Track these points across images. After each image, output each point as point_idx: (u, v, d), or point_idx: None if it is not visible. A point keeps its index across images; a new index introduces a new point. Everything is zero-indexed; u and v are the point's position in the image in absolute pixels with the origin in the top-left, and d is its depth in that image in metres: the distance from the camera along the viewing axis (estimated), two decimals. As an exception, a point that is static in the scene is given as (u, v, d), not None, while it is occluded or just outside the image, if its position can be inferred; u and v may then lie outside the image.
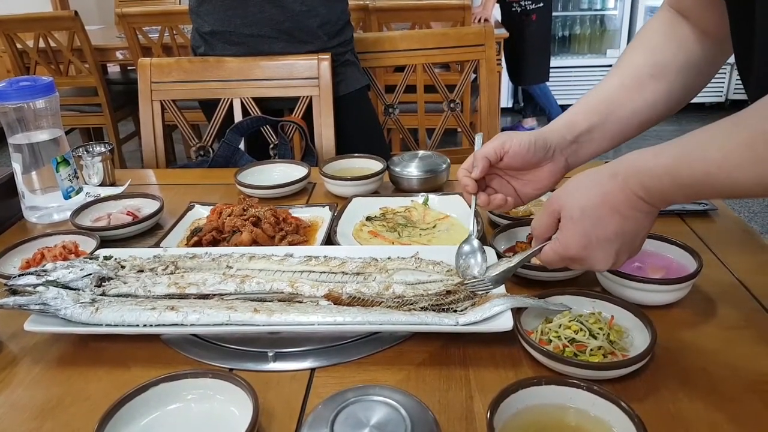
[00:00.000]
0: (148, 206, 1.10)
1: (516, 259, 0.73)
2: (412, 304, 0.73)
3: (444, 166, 1.15)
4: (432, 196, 1.07)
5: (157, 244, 0.95)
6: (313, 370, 0.69)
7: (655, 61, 0.79)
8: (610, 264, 0.65)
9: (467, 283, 0.75)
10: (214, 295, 0.77)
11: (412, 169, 1.13)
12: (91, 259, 0.82)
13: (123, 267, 0.82)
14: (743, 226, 0.97)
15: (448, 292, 0.74)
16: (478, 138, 0.86)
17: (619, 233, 0.63)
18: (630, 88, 0.80)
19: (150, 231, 1.04)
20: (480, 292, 0.74)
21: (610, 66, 4.52)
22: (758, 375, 0.65)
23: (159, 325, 0.71)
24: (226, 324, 0.71)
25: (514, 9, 3.73)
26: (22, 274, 0.76)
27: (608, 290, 0.78)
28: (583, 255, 0.65)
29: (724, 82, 4.40)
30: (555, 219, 0.67)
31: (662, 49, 0.80)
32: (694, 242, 0.90)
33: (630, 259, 0.67)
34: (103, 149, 1.25)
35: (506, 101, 4.66)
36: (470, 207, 0.80)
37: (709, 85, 0.83)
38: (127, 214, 1.07)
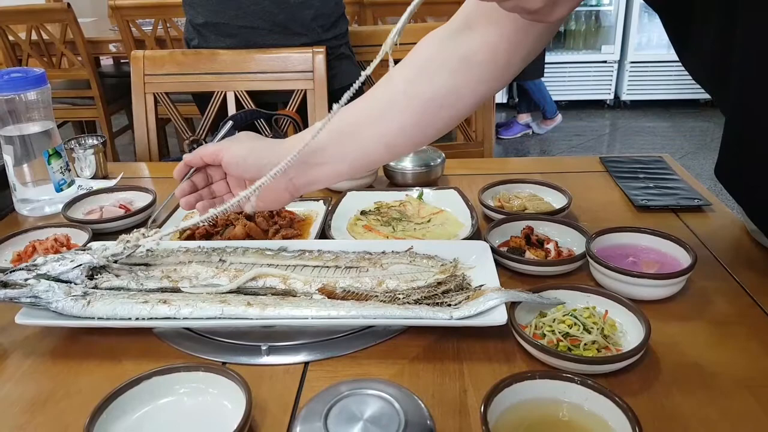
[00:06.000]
0: (140, 199, 1.09)
1: None
2: (405, 297, 0.73)
3: (438, 160, 1.14)
4: (426, 191, 1.07)
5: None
6: (306, 363, 0.68)
7: (412, 85, 0.74)
8: None
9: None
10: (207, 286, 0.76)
11: (406, 164, 1.13)
12: (83, 250, 0.81)
13: (116, 261, 0.82)
14: (737, 222, 0.97)
15: (439, 283, 0.74)
16: (222, 125, 0.81)
17: None
18: (381, 110, 0.73)
19: (142, 224, 1.03)
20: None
21: (605, 62, 4.51)
22: (751, 370, 0.65)
23: (151, 318, 0.71)
24: (219, 318, 0.70)
25: (509, 4, 3.72)
26: (12, 271, 0.75)
27: (602, 285, 0.78)
28: None
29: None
30: None
31: (421, 73, 0.75)
32: (688, 237, 0.90)
33: (552, 3, 0.56)
34: (95, 142, 1.24)
35: (501, 96, 4.67)
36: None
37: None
38: (120, 207, 1.07)
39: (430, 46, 0.74)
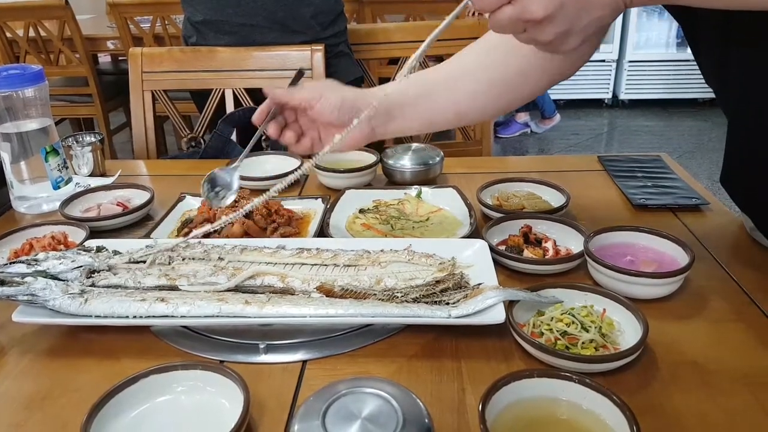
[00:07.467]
0: (138, 197, 1.09)
1: None
2: (403, 295, 0.73)
3: (437, 159, 1.14)
4: (425, 189, 1.07)
5: (147, 236, 0.94)
6: (304, 362, 0.68)
7: (487, 57, 0.81)
8: (547, 11, 0.56)
9: None
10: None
11: (405, 162, 1.13)
12: (84, 251, 0.81)
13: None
14: (735, 221, 0.97)
15: (438, 282, 0.74)
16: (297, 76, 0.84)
17: None
18: (455, 77, 0.79)
19: (140, 222, 1.03)
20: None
21: (603, 61, 4.52)
22: (748, 368, 0.65)
23: (149, 316, 0.71)
24: (217, 316, 0.70)
25: (508, 2, 3.72)
26: (13, 262, 0.75)
27: (600, 284, 0.78)
28: None
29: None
30: None
31: (495, 50, 0.81)
32: (685, 236, 0.90)
33: (564, 35, 0.58)
34: (93, 139, 1.24)
35: (500, 95, 4.66)
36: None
37: (701, 80, 0.83)
38: (117, 205, 1.07)
39: (496, 36, 0.79)
